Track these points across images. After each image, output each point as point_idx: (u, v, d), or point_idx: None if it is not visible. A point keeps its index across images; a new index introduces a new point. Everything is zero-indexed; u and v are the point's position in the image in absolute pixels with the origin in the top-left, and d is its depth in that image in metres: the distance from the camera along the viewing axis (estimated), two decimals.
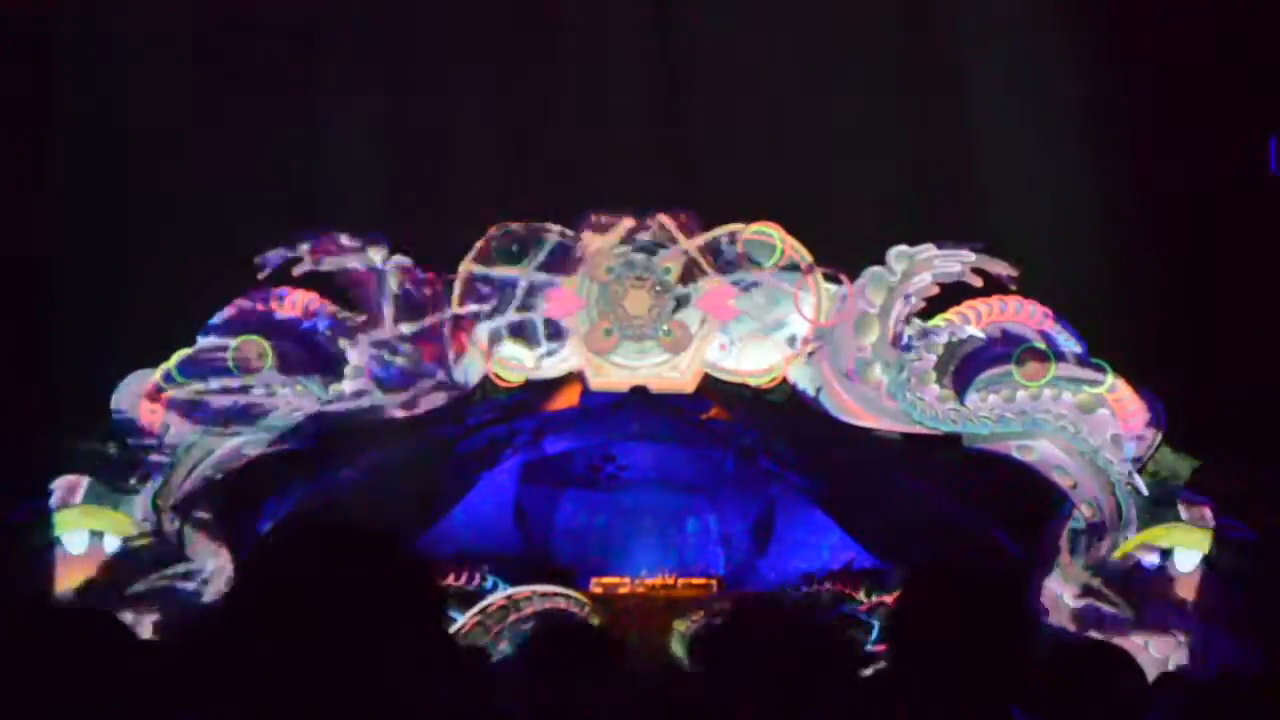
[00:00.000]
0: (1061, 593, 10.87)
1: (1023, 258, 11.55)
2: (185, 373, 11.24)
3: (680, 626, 11.54)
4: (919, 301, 11.66)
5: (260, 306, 11.55)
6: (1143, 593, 10.80)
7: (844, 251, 11.91)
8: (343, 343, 11.58)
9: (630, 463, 13.89)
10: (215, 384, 11.23)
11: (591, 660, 3.26)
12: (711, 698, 2.48)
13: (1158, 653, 10.41)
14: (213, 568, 10.93)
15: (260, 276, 11.55)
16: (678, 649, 11.37)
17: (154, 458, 11.08)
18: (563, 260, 11.94)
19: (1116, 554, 10.97)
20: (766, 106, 12.48)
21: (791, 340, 11.86)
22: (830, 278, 11.90)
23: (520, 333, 11.87)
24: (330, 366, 11.52)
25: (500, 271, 11.91)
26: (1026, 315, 11.62)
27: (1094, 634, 10.43)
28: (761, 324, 11.90)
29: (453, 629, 11.07)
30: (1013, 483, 11.41)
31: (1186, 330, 11.24)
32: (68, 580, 10.61)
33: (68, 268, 11.40)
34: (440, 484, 12.79)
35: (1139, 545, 10.96)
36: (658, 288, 11.90)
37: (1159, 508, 11.03)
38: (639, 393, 12.00)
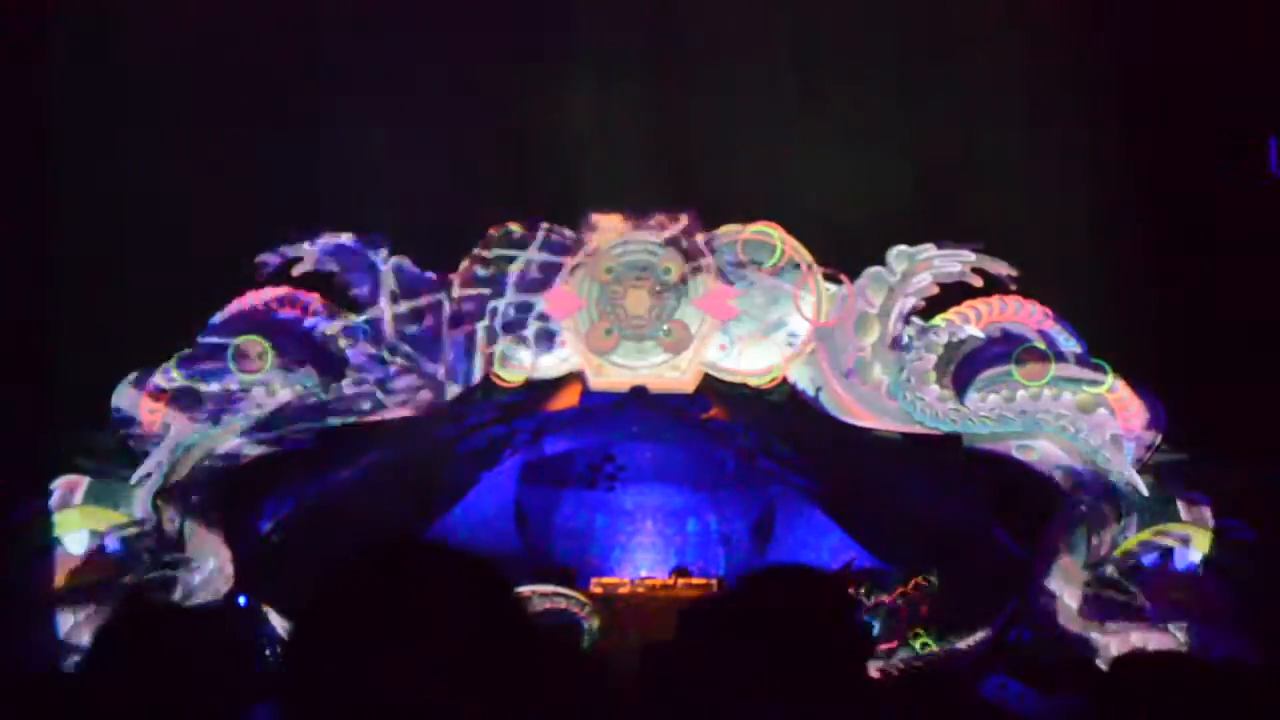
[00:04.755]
0: (1062, 592, 10.87)
1: (1023, 258, 11.57)
2: (185, 372, 11.24)
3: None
4: (919, 301, 11.68)
5: (260, 306, 11.55)
6: (1142, 593, 10.80)
7: (844, 251, 11.92)
8: (343, 343, 11.59)
9: (630, 463, 13.88)
10: (215, 384, 11.23)
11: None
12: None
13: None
14: (213, 567, 10.93)
15: (260, 276, 11.55)
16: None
17: (154, 457, 11.07)
18: (562, 260, 11.94)
19: (1116, 553, 10.98)
20: (767, 106, 12.48)
21: (791, 340, 11.87)
22: (830, 278, 11.91)
23: (519, 332, 11.87)
24: (330, 366, 11.53)
25: (500, 271, 11.91)
26: (1026, 315, 11.64)
27: (1094, 634, 10.45)
28: (761, 324, 11.91)
29: None
30: (1013, 483, 11.41)
31: (1186, 330, 11.24)
32: (68, 580, 10.60)
33: (68, 268, 11.40)
34: (440, 484, 12.79)
35: (1139, 545, 10.97)
36: (658, 288, 11.91)
37: (1159, 508, 11.03)
38: (639, 393, 12.01)
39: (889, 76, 12.35)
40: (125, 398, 11.19)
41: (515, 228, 11.99)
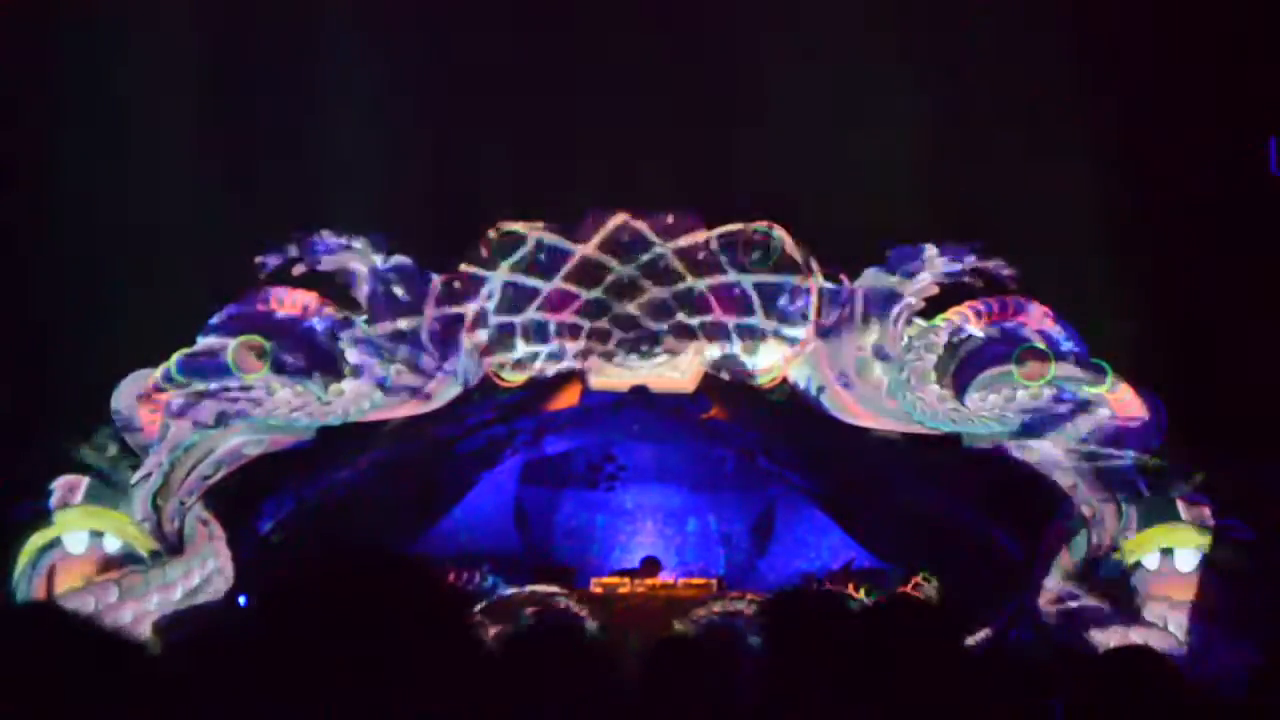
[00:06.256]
0: (1061, 593, 10.87)
1: (1023, 258, 11.56)
2: (185, 373, 11.23)
3: (680, 626, 11.53)
4: (919, 301, 11.67)
5: (260, 306, 11.54)
6: (1142, 593, 10.80)
7: (844, 251, 11.91)
8: (343, 343, 11.58)
9: (630, 462, 13.90)
10: (215, 384, 11.22)
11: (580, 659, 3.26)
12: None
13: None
14: (213, 567, 10.93)
15: (260, 276, 11.54)
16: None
17: (154, 458, 11.07)
18: (562, 260, 11.93)
19: (1116, 554, 10.97)
20: (767, 106, 12.48)
21: (791, 340, 11.86)
22: (830, 278, 11.90)
23: (519, 332, 11.86)
24: (330, 366, 11.52)
25: (500, 271, 11.90)
26: (1026, 315, 11.63)
27: (1094, 634, 10.44)
28: (761, 324, 11.90)
29: None
30: (1013, 483, 11.40)
31: (1186, 330, 11.24)
32: (68, 580, 10.59)
33: (67, 267, 11.40)
34: (440, 484, 12.79)
35: (1139, 545, 10.96)
36: (657, 288, 11.90)
37: (1159, 508, 11.02)
38: (639, 393, 12.00)
39: (889, 76, 12.35)
40: (124, 398, 11.17)
41: (515, 227, 11.98)
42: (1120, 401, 11.29)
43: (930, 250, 11.66)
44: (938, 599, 11.90)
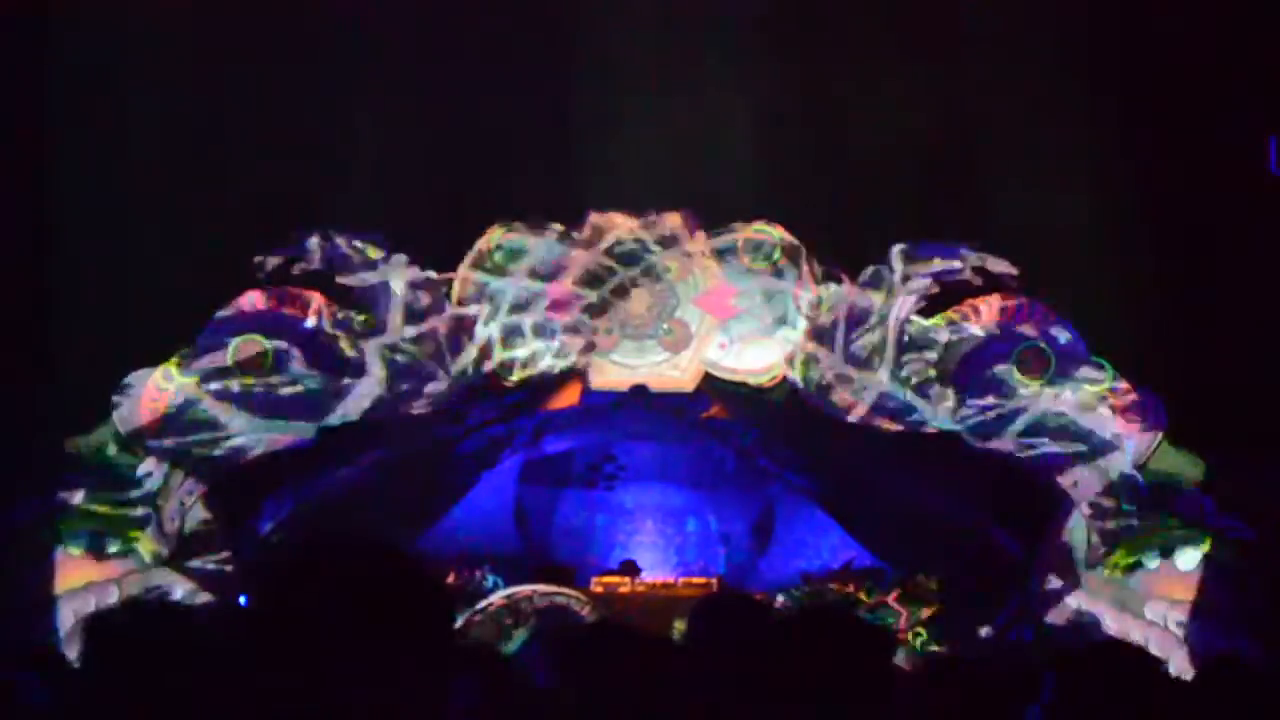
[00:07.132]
0: (1062, 592, 10.87)
1: (1023, 258, 11.57)
2: (185, 372, 11.23)
3: (680, 626, 11.53)
4: (919, 301, 11.67)
5: (260, 306, 11.54)
6: (1142, 593, 10.80)
7: (844, 251, 11.91)
8: (344, 343, 11.58)
9: (630, 462, 13.88)
10: (215, 384, 11.22)
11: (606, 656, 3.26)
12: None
13: (1158, 653, 10.39)
14: (212, 568, 10.93)
15: (260, 276, 11.54)
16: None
17: (154, 457, 11.07)
18: (562, 259, 11.94)
19: (1116, 553, 10.97)
20: (766, 106, 12.48)
21: (792, 340, 11.86)
22: (830, 277, 11.90)
23: (520, 332, 11.87)
24: (330, 366, 11.52)
25: (501, 271, 11.91)
26: (1026, 315, 11.63)
27: (1094, 634, 10.44)
28: (761, 323, 11.90)
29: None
30: (1013, 483, 11.41)
31: (1186, 330, 11.25)
32: (68, 580, 10.59)
33: (68, 266, 11.40)
34: (440, 484, 12.78)
35: (1139, 544, 10.96)
36: (657, 287, 11.91)
37: (1159, 508, 11.02)
38: (639, 392, 12.00)
39: (890, 76, 12.35)
40: (125, 398, 11.18)
41: (516, 227, 11.99)
42: (1120, 401, 11.29)
43: (930, 249, 11.66)
44: (937, 598, 11.91)
